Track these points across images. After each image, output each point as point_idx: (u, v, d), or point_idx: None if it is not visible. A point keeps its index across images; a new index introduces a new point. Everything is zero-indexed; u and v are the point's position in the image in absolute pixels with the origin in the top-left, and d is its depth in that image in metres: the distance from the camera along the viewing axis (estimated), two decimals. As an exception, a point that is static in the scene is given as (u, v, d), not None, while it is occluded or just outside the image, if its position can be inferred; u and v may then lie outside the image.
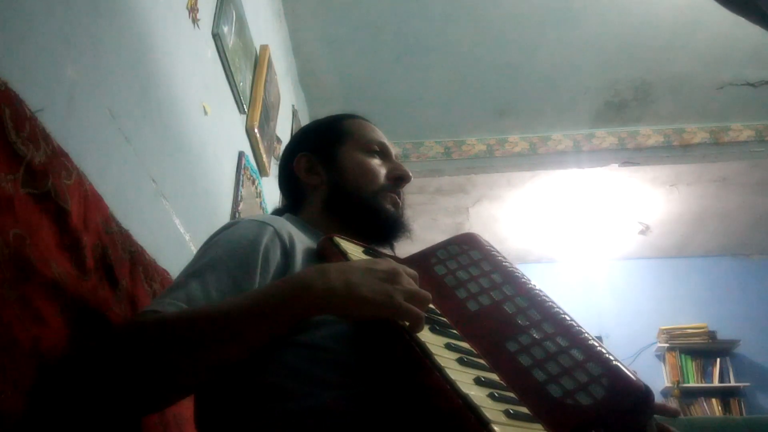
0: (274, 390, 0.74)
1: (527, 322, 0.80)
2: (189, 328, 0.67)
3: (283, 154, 1.15)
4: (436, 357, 0.67)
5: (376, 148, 1.05)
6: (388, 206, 1.01)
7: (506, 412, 0.64)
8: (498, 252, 0.96)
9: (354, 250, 0.89)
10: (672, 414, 0.91)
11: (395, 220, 1.01)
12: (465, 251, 0.94)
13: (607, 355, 0.74)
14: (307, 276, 0.69)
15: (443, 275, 0.91)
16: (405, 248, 1.03)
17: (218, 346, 0.67)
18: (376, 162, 1.03)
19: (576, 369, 0.72)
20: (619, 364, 0.73)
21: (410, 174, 1.04)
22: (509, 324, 0.80)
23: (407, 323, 0.69)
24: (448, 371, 0.65)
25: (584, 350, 0.75)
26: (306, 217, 1.05)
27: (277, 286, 0.71)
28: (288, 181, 1.11)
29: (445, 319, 0.82)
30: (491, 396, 0.66)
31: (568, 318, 0.81)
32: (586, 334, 0.78)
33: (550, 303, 0.84)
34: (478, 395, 0.64)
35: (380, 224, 1.00)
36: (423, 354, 0.67)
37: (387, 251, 1.00)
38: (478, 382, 0.68)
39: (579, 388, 0.70)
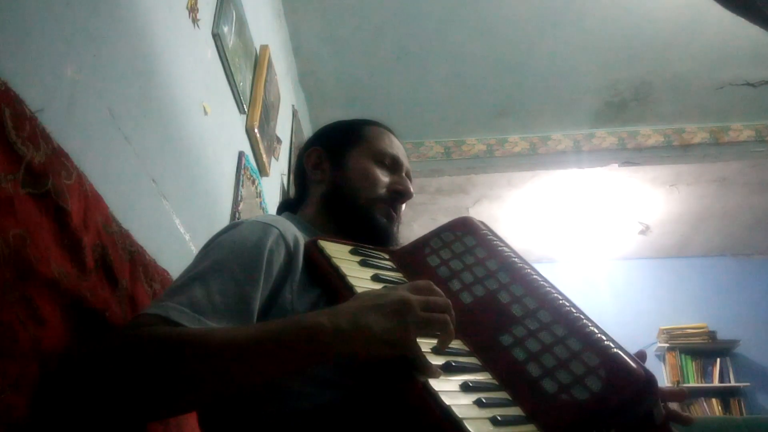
0: (277, 390, 0.74)
1: (522, 312, 0.78)
2: (196, 353, 0.64)
3: (303, 146, 1.16)
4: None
5: (387, 160, 1.04)
6: (380, 217, 1.00)
7: (493, 420, 0.62)
8: (494, 235, 0.93)
9: (340, 252, 0.87)
10: (680, 398, 0.87)
11: (384, 232, 1.00)
12: (459, 238, 0.92)
13: (606, 342, 0.71)
14: (317, 320, 0.66)
15: (436, 266, 0.88)
16: (403, 240, 1.03)
17: (223, 377, 0.64)
18: (380, 172, 1.02)
19: (572, 360, 0.70)
20: (618, 352, 0.70)
21: (411, 191, 1.03)
22: (504, 315, 0.78)
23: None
24: (432, 382, 0.64)
25: (582, 338, 0.72)
26: (305, 214, 1.05)
27: (287, 327, 0.67)
28: (297, 172, 1.13)
29: None
30: (478, 403, 0.64)
31: (566, 304, 0.78)
32: (585, 320, 0.75)
33: (548, 288, 0.81)
34: (462, 404, 0.63)
35: (369, 232, 0.98)
36: (408, 366, 0.65)
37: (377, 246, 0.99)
38: (465, 388, 0.66)
39: (575, 381, 0.67)
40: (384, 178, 1.02)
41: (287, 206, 1.12)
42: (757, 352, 4.74)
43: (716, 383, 4.63)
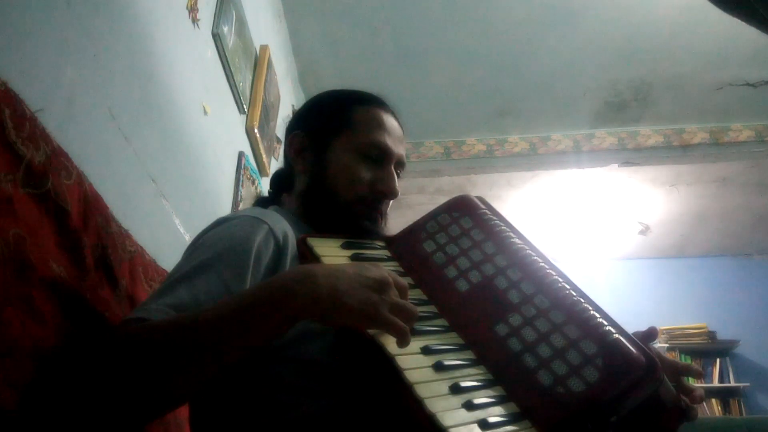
0: (265, 402, 0.74)
1: (519, 299, 0.76)
2: (173, 337, 0.62)
3: (289, 123, 1.07)
4: (406, 372, 0.64)
5: (374, 152, 0.93)
6: (362, 220, 0.92)
7: (481, 423, 0.61)
8: (493, 213, 0.90)
9: (330, 250, 0.83)
10: (696, 375, 0.87)
11: (368, 234, 0.92)
12: (455, 220, 0.89)
13: (606, 328, 0.70)
14: (292, 280, 0.64)
15: (432, 252, 0.86)
16: (400, 224, 0.97)
17: (202, 355, 0.63)
18: (363, 167, 0.93)
19: (569, 349, 0.68)
20: (618, 337, 0.68)
21: (396, 190, 0.94)
22: (499, 303, 0.77)
23: (390, 336, 0.66)
24: (418, 386, 0.63)
25: (580, 324, 0.71)
26: (291, 205, 1.00)
27: (260, 291, 0.66)
28: (284, 155, 1.05)
29: (432, 307, 0.79)
30: (467, 406, 0.63)
31: (567, 286, 0.77)
32: (584, 304, 0.74)
33: (548, 270, 0.80)
34: (450, 408, 0.62)
35: (353, 233, 0.91)
36: (393, 371, 0.64)
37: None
38: (455, 389, 0.65)
39: (571, 372, 0.66)
40: (366, 174, 0.92)
41: (279, 181, 1.05)
42: (757, 352, 4.74)
43: (716, 383, 4.63)
